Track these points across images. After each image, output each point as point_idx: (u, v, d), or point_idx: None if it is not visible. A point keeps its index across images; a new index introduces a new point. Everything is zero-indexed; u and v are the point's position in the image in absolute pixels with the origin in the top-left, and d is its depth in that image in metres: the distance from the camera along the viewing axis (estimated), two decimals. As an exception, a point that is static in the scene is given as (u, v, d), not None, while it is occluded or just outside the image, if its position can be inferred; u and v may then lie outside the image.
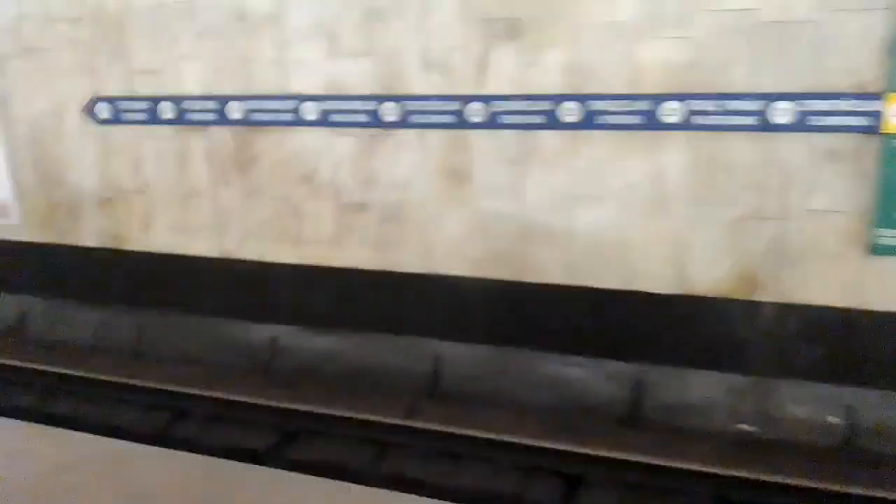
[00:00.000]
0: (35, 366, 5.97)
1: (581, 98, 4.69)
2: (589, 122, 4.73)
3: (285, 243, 5.77)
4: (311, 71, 5.29)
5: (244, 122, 5.57)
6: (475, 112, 4.93)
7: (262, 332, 5.94)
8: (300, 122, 5.41)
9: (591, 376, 5.10)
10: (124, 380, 5.59)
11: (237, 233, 5.89)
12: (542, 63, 4.74)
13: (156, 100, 5.78)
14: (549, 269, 5.03)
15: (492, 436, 4.60)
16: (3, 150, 6.44)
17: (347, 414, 4.94)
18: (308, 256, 5.73)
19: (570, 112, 4.75)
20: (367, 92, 5.19)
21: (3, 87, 6.27)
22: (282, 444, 4.79)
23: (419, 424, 4.82)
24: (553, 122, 4.81)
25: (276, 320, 5.94)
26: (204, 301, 6.17)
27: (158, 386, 5.46)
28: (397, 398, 5.27)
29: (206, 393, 5.31)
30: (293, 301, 5.89)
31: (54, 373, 5.86)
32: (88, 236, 6.40)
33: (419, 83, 5.05)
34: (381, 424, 4.85)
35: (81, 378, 5.76)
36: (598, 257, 4.88)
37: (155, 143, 5.91)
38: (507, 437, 4.58)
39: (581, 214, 4.85)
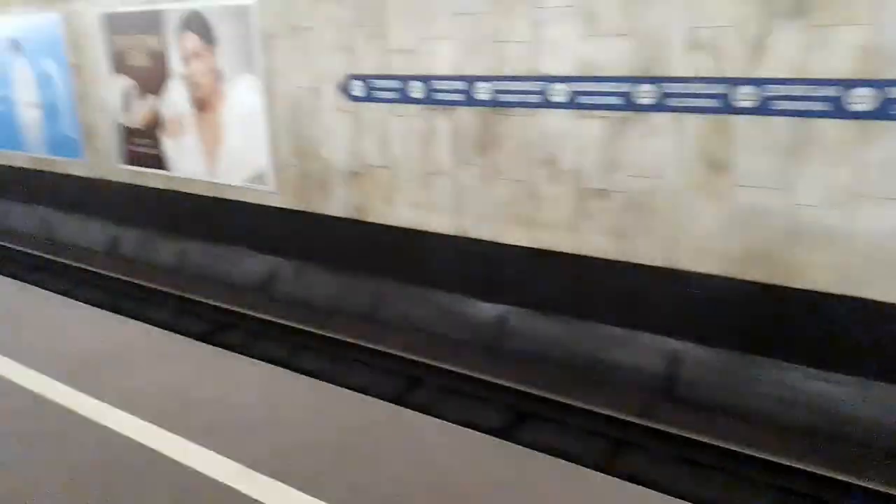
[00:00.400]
0: (283, 321, 6.56)
1: (878, 84, 4.12)
2: (884, 111, 4.15)
3: (519, 225, 5.76)
4: (563, 51, 5.17)
5: (490, 102, 5.60)
6: (745, 96, 4.53)
7: (490, 311, 6.02)
8: (547, 103, 5.32)
9: (855, 398, 4.55)
10: (362, 342, 5.95)
11: (473, 212, 5.98)
12: (831, 44, 4.22)
13: (407, 79, 5.99)
14: (817, 274, 4.53)
15: (736, 448, 4.27)
16: (266, 123, 7.06)
17: (579, 404, 4.85)
18: (541, 240, 5.68)
19: (861, 99, 4.19)
20: (621, 73, 4.97)
21: (270, 64, 6.85)
22: (515, 424, 4.82)
23: (656, 425, 4.60)
24: (839, 111, 4.28)
25: (505, 301, 5.98)
26: (437, 275, 6.37)
27: (394, 352, 5.74)
28: (630, 395, 5.08)
29: (439, 364, 5.48)
30: (523, 283, 5.89)
31: (300, 329, 6.39)
32: (335, 206, 6.86)
33: (682, 64, 4.73)
34: (616, 420, 4.70)
35: (323, 337, 6.23)
36: (883, 265, 4.29)
37: (402, 121, 6.15)
38: (753, 452, 4.23)
39: (866, 215, 4.29)
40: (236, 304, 6.91)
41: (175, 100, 7.80)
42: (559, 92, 5.24)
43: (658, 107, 4.87)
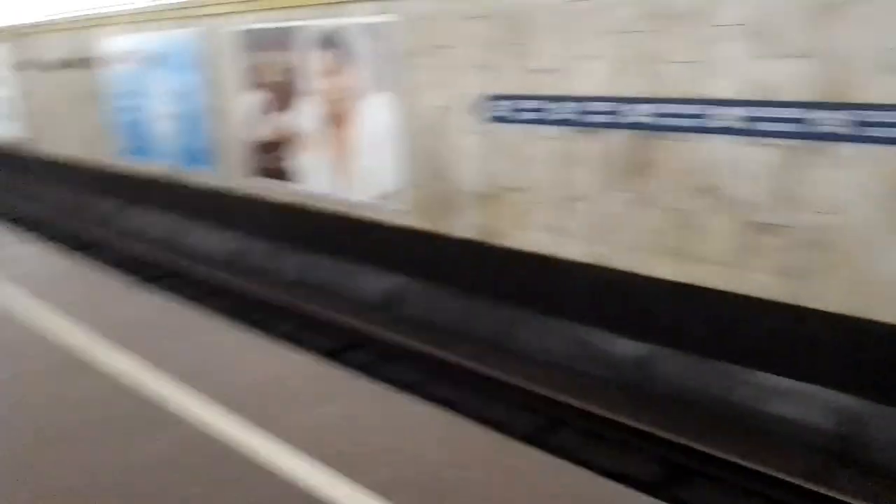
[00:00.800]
0: (409, 344, 6.41)
1: None
2: None
3: (667, 257, 5.35)
4: (731, 73, 4.75)
5: (643, 125, 5.24)
6: (957, 127, 3.97)
7: (631, 348, 5.62)
8: (710, 128, 4.91)
9: None
10: (495, 373, 5.70)
11: (616, 241, 5.62)
12: None
13: (549, 99, 5.72)
14: None
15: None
16: (399, 142, 6.97)
17: (740, 461, 4.38)
18: (693, 274, 5.24)
19: None
20: (800, 98, 4.50)
21: (406, 83, 6.75)
22: (670, 479, 4.41)
23: (834, 494, 4.08)
24: None
25: (649, 338, 5.57)
26: (570, 305, 6.04)
27: (530, 387, 5.45)
28: (796, 454, 4.57)
29: (580, 404, 5.15)
30: (669, 319, 5.47)
31: (427, 354, 6.22)
32: (463, 228, 6.66)
33: (874, 89, 4.21)
34: (784, 483, 4.21)
35: (452, 364, 6.03)
36: None
37: (541, 143, 5.88)
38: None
39: None
40: (360, 323, 6.83)
41: (307, 116, 7.86)
42: (725, 116, 4.82)
43: (845, 136, 4.36)
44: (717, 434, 4.76)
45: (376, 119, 7.12)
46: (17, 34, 12.97)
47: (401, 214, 7.18)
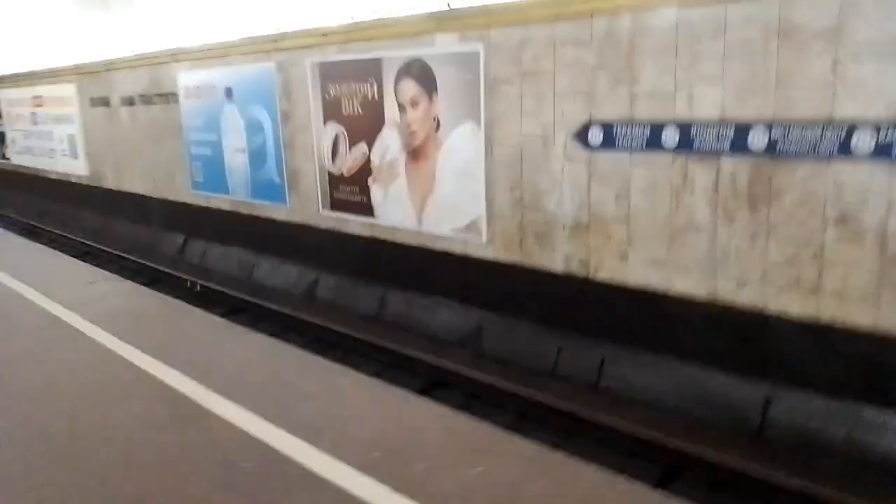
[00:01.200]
0: (497, 383, 6.06)
1: None
2: None
3: (796, 292, 4.94)
4: (874, 92, 4.38)
5: (766, 151, 4.88)
6: None
7: (752, 392, 5.18)
8: (846, 152, 4.53)
9: None
10: (591, 414, 5.31)
11: (733, 275, 5.22)
12: None
13: (659, 125, 5.41)
14: None
15: None
16: (482, 172, 6.72)
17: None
18: (825, 311, 4.82)
19: None
20: (956, 118, 4.11)
21: (493, 112, 6.52)
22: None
23: None
24: None
25: (772, 380, 5.13)
26: (678, 343, 5.63)
27: (637, 431, 5.04)
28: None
29: (698, 452, 4.72)
30: (796, 360, 5.02)
31: (518, 395, 5.86)
32: (555, 261, 6.34)
33: None
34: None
35: (548, 406, 5.65)
36: None
37: (648, 171, 5.56)
38: None
39: None
40: (445, 361, 6.51)
41: (386, 147, 7.69)
42: (866, 139, 4.43)
43: None
44: (863, 490, 4.27)
45: (460, 149, 6.90)
46: (85, 72, 13.25)
47: (483, 247, 6.90)
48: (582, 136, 5.92)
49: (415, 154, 7.40)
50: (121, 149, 12.78)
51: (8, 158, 18.11)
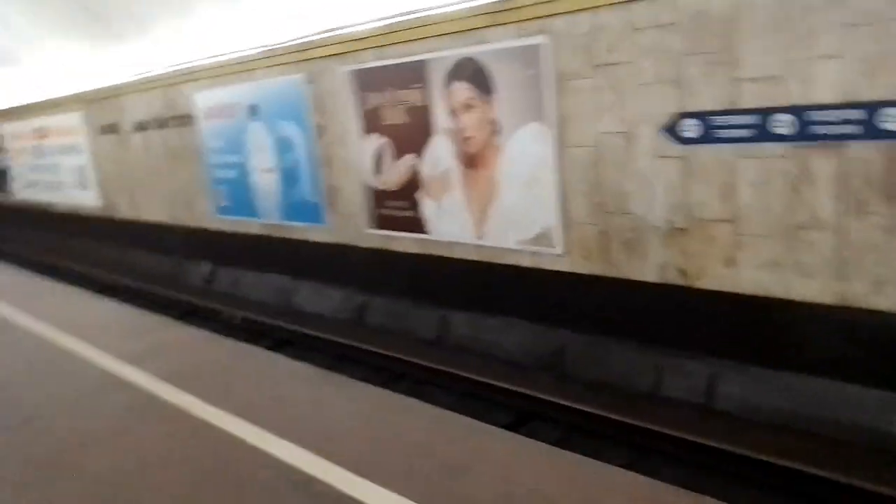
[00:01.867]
0: (579, 406, 5.49)
1: None
2: None
3: (949, 291, 4.34)
4: None
5: (906, 133, 4.28)
6: None
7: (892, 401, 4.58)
8: None
9: None
10: (714, 443, 4.72)
11: (869, 276, 4.62)
12: None
13: (768, 112, 4.81)
14: None
15: None
16: (553, 176, 6.12)
17: None
18: None
19: None
20: None
21: (563, 110, 5.93)
22: None
23: None
24: None
25: (926, 391, 4.53)
26: (804, 355, 5.04)
27: (773, 460, 4.44)
28: None
29: (844, 479, 4.13)
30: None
31: (606, 418, 5.29)
32: (646, 270, 5.74)
33: None
34: None
35: (661, 434, 5.06)
36: None
37: (757, 164, 4.96)
38: None
39: None
40: (531, 389, 5.91)
41: (438, 157, 7.09)
42: None
43: None
44: None
45: (525, 154, 6.30)
46: (91, 100, 12.66)
47: (557, 258, 6.30)
48: (672, 129, 5.32)
49: (471, 162, 6.80)
50: (134, 177, 12.18)
51: (13, 194, 17.51)
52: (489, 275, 6.97)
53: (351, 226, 8.34)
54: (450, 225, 7.21)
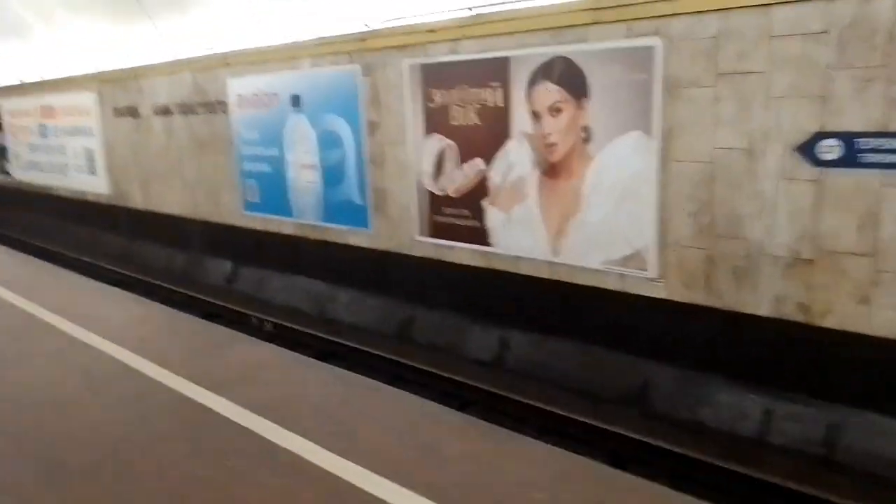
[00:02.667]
0: (669, 446, 4.92)
1: None
2: None
3: None
4: None
5: None
6: None
7: None
8: None
9: None
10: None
11: None
12: None
13: (933, 136, 4.28)
14: None
15: None
16: (653, 192, 5.56)
17: None
18: None
19: None
20: None
21: (672, 120, 5.36)
22: None
23: None
24: None
25: None
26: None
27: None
28: None
29: None
30: None
31: (703, 462, 4.72)
32: (759, 303, 5.18)
33: None
34: None
35: (753, 478, 4.50)
36: None
37: (911, 193, 4.42)
38: None
39: None
40: (626, 429, 5.31)
41: (512, 163, 6.49)
42: None
43: None
44: None
45: (618, 164, 5.73)
46: (109, 80, 11.91)
47: (650, 283, 5.72)
48: (808, 149, 4.77)
49: (552, 171, 6.21)
50: (151, 165, 11.44)
51: (9, 174, 16.63)
52: (561, 295, 6.37)
53: (399, 232, 7.71)
54: (519, 238, 6.61)
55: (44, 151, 14.74)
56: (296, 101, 8.50)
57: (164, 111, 10.77)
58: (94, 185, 13.18)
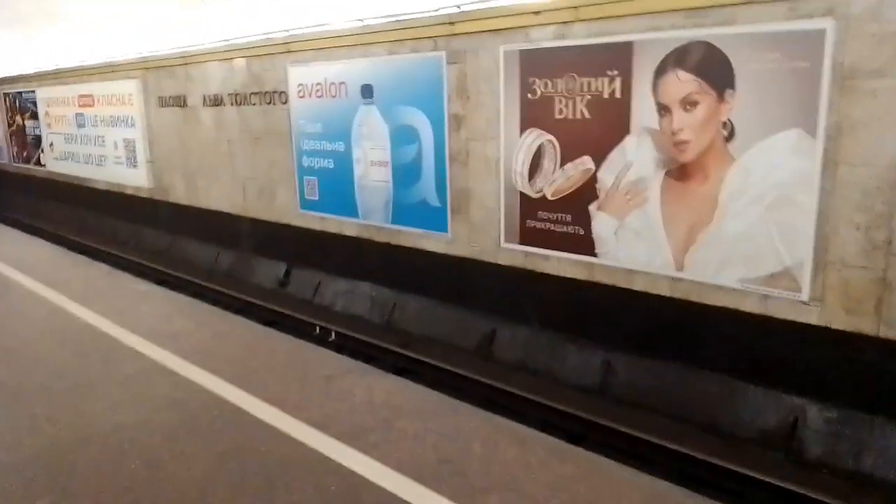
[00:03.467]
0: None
1: None
2: None
3: None
4: None
5: None
6: None
7: None
8: None
9: None
10: None
11: None
12: None
13: None
14: None
15: None
16: (813, 201, 4.75)
17: None
18: None
19: None
20: None
21: (846, 114, 4.55)
22: None
23: None
24: None
25: None
26: None
27: None
28: None
29: None
30: None
31: None
32: (949, 334, 4.34)
33: None
34: None
35: None
36: None
37: None
38: None
39: None
40: (761, 471, 4.51)
41: (629, 163, 5.71)
42: None
43: None
44: None
45: (769, 167, 4.93)
46: (153, 66, 11.26)
47: (801, 306, 4.91)
48: None
49: (681, 172, 5.41)
50: (198, 158, 10.75)
51: (43, 164, 16.08)
52: (686, 316, 5.57)
53: (483, 237, 6.94)
54: (633, 248, 5.81)
55: (80, 142, 14.15)
56: (367, 91, 7.76)
57: (215, 101, 10.08)
58: (135, 177, 12.54)
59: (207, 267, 10.57)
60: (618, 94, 5.67)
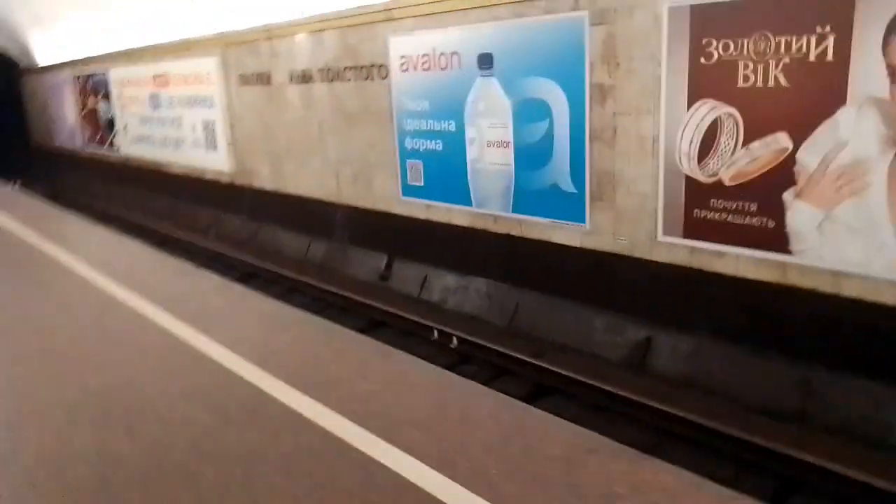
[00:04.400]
0: None
1: None
2: None
3: None
4: None
5: None
6: None
7: None
8: None
9: None
10: None
11: None
12: None
13: None
14: None
15: None
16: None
17: None
18: None
19: None
20: None
21: None
22: None
23: None
24: None
25: None
26: None
27: None
28: None
29: None
30: None
31: None
32: None
33: None
34: None
35: None
36: None
37: None
38: None
39: None
40: None
41: (843, 141, 4.60)
42: None
43: None
44: None
45: None
46: (234, 42, 10.50)
47: None
48: None
49: (923, 153, 4.29)
50: (284, 140, 10.00)
51: (116, 148, 15.69)
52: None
53: (632, 229, 5.94)
54: (844, 245, 4.74)
55: (156, 124, 13.62)
56: (485, 61, 6.78)
57: (303, 78, 9.27)
58: (214, 161, 11.92)
59: (299, 258, 9.86)
60: (829, 57, 4.55)
